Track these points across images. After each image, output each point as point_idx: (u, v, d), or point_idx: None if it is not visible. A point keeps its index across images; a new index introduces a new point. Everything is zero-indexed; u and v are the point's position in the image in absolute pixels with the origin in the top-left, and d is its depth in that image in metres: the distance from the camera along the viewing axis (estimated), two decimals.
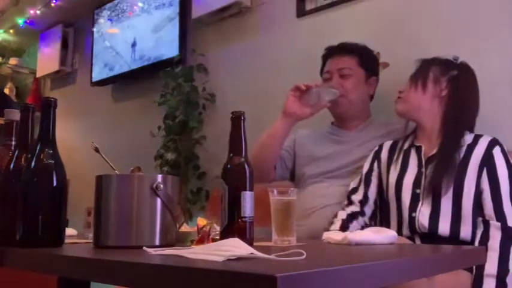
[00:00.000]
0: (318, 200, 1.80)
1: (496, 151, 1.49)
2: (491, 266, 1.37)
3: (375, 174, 1.69)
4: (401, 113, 1.67)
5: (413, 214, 1.52)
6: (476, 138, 1.54)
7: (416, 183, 1.55)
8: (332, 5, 2.36)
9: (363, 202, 1.67)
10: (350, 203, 1.68)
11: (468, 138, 1.55)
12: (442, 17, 1.99)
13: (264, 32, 2.68)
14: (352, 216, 1.64)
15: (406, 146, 1.66)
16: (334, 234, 1.27)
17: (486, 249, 1.39)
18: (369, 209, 1.67)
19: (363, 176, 1.71)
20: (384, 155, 1.70)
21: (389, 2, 2.18)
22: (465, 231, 1.46)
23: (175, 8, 3.08)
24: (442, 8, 2.00)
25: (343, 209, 1.69)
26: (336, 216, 1.67)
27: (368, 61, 1.93)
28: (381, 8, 2.20)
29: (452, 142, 1.53)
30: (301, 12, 2.49)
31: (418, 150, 1.61)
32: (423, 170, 1.56)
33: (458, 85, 1.58)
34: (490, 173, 1.47)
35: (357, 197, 1.68)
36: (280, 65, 2.57)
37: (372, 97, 1.98)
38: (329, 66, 1.94)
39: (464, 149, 1.51)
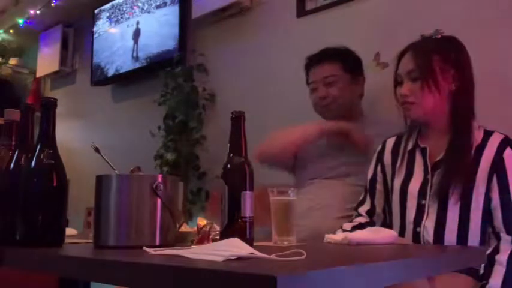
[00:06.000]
0: (318, 201, 1.80)
1: (508, 154, 1.38)
2: (495, 280, 1.31)
3: (379, 180, 1.61)
4: (417, 119, 1.52)
5: (418, 229, 1.43)
6: (486, 136, 1.42)
7: (422, 193, 1.45)
8: (332, 5, 2.36)
9: (371, 212, 1.60)
10: (358, 215, 1.62)
11: (477, 135, 1.42)
12: (442, 16, 1.98)
13: (264, 32, 2.68)
14: (358, 228, 1.52)
15: (410, 146, 1.54)
16: (334, 235, 1.27)
17: (493, 262, 1.33)
18: (377, 219, 1.59)
19: (367, 184, 1.63)
20: (387, 157, 1.60)
21: (389, 2, 2.18)
22: (472, 243, 1.38)
23: (175, 8, 3.08)
24: (442, 7, 2.00)
25: (350, 220, 1.63)
26: (341, 227, 1.60)
27: (351, 64, 1.92)
28: (380, 8, 2.20)
29: (462, 143, 1.42)
30: (301, 12, 2.49)
31: (424, 152, 1.49)
32: (429, 176, 1.45)
33: (462, 71, 1.46)
34: (500, 181, 1.36)
35: (364, 208, 1.61)
36: (280, 65, 2.57)
37: (361, 95, 1.96)
38: (313, 76, 1.93)
39: (472, 151, 1.40)
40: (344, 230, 1.55)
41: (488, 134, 1.43)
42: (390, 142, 1.63)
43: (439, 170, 1.44)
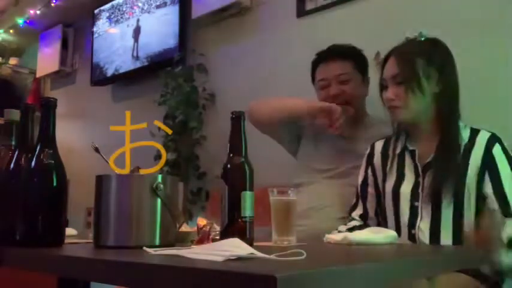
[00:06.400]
0: (318, 201, 1.80)
1: (496, 150, 1.39)
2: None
3: (370, 183, 1.61)
4: (403, 122, 1.53)
5: (413, 231, 1.44)
6: (473, 135, 1.44)
7: (414, 195, 1.46)
8: (332, 5, 2.36)
9: (364, 216, 1.60)
10: (352, 219, 1.62)
11: (464, 134, 1.44)
12: (442, 16, 1.98)
13: (264, 32, 2.68)
14: (353, 230, 1.50)
15: (398, 149, 1.55)
16: (334, 235, 1.27)
17: None
18: (371, 222, 1.59)
19: (359, 188, 1.64)
20: (377, 160, 1.60)
21: (389, 2, 2.18)
22: None
23: (176, 8, 3.08)
24: (442, 7, 2.00)
25: (345, 223, 1.63)
26: (337, 229, 1.60)
27: (362, 63, 1.91)
28: (380, 7, 2.20)
29: (450, 144, 1.43)
30: (301, 12, 2.49)
31: (413, 154, 1.50)
32: (420, 179, 1.46)
33: (446, 73, 1.46)
34: (493, 177, 1.37)
35: (357, 212, 1.62)
36: (280, 65, 2.57)
37: (366, 95, 1.95)
38: (324, 72, 1.88)
39: (461, 151, 1.41)
40: (340, 232, 1.54)
41: (475, 132, 1.45)
42: (379, 145, 1.63)
43: (430, 171, 1.45)
